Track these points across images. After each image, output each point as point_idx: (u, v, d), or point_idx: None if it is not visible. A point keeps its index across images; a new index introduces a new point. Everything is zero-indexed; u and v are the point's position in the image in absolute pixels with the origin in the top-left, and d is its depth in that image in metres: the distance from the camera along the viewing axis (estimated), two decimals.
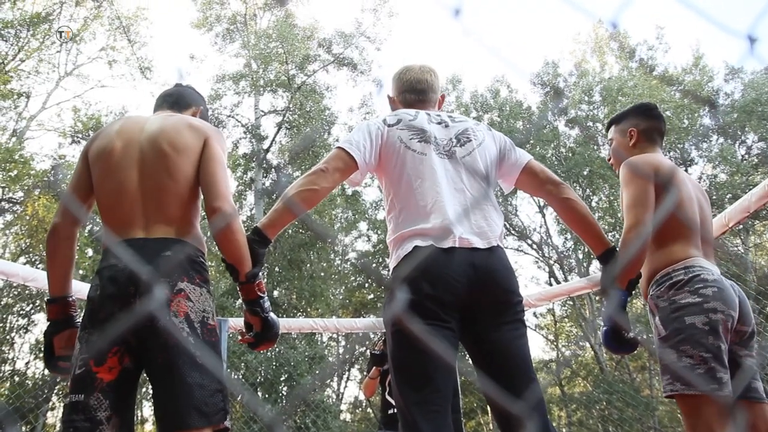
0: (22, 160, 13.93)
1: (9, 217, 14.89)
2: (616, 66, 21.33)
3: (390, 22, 21.48)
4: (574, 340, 20.01)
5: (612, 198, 19.49)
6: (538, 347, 21.23)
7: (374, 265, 19.75)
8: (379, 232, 19.40)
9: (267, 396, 13.13)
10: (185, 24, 20.19)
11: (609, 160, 2.38)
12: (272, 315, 1.74)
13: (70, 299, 1.80)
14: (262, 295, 1.71)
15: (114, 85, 24.60)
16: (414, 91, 2.04)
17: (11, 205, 14.58)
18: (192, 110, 2.01)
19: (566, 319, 19.95)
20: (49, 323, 1.78)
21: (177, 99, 1.99)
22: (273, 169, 18.36)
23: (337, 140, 18.43)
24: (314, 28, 19.91)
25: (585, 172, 18.63)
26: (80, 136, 16.38)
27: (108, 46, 18.27)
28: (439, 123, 1.91)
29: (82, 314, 1.64)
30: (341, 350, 18.90)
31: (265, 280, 16.66)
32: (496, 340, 1.65)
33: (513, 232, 20.26)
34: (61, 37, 16.02)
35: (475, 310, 1.65)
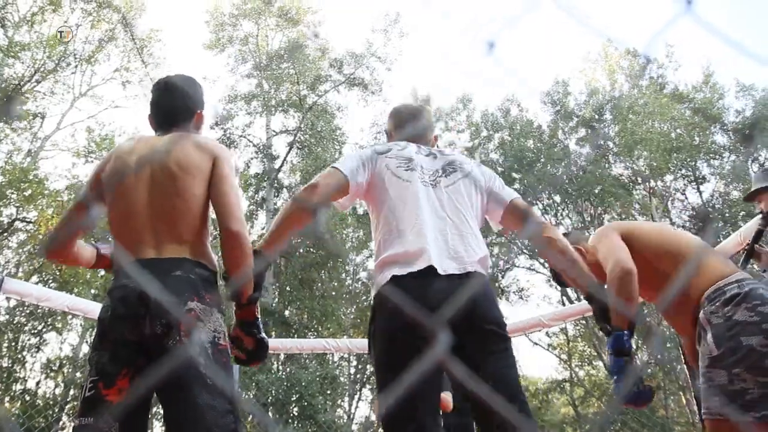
0: (37, 180, 14.06)
1: (23, 236, 15.01)
2: (626, 84, 21.34)
3: (400, 43, 21.63)
4: (588, 360, 19.79)
5: (623, 217, 19.37)
6: (551, 367, 21.00)
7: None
8: None
9: (278, 416, 13.04)
10: (198, 45, 20.45)
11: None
12: (264, 335, 1.76)
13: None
14: (258, 317, 1.74)
15: (127, 106, 24.90)
16: (413, 126, 2.10)
17: (25, 224, 14.69)
18: (195, 117, 1.97)
19: (579, 339, 19.74)
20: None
21: (177, 113, 1.93)
22: (284, 189, 18.43)
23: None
24: (325, 49, 20.09)
25: (596, 191, 18.56)
26: (94, 156, 16.53)
27: (122, 67, 18.54)
28: (428, 155, 1.95)
29: (93, 336, 1.63)
30: (353, 370, 18.78)
31: (277, 299, 16.77)
32: (481, 370, 1.60)
33: (524, 251, 20.16)
34: (61, 37, 16.21)
35: (457, 336, 1.58)
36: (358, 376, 18.57)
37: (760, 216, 2.77)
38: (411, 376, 1.52)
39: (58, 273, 14.13)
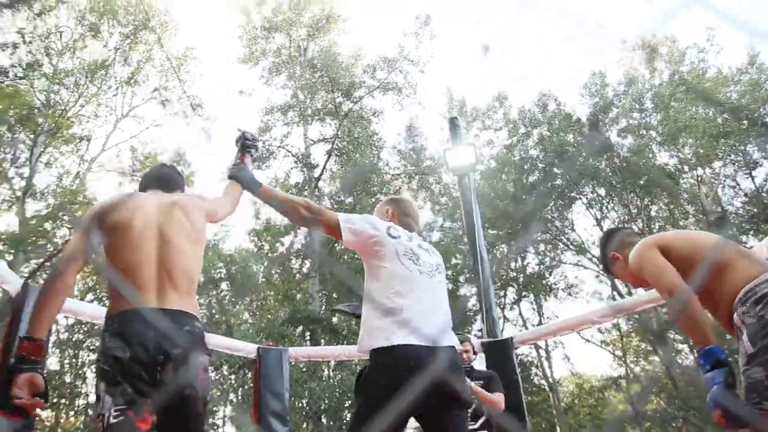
0: (86, 201, 14.51)
1: None
2: (666, 71, 20.78)
3: (431, 44, 21.48)
4: (643, 356, 19.33)
5: (672, 206, 18.87)
6: (605, 363, 20.53)
7: None
8: None
9: (332, 423, 13.11)
10: (233, 60, 20.81)
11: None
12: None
13: (45, 343, 1.89)
14: None
15: (168, 124, 25.44)
16: (414, 220, 2.57)
17: None
18: (178, 191, 2.31)
19: (632, 334, 19.29)
20: (20, 360, 1.73)
21: (167, 182, 2.29)
22: (325, 197, 18.56)
23: (387, 165, 18.69)
24: (358, 56, 20.20)
25: (641, 182, 18.12)
26: (138, 174, 16.97)
27: (160, 87, 19.00)
28: (426, 250, 2.37)
29: (107, 368, 1.75)
30: None
31: (324, 306, 16.84)
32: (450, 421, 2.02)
33: (571, 247, 19.81)
34: (61, 37, 16.73)
35: (442, 403, 1.98)
36: None
37: None
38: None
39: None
